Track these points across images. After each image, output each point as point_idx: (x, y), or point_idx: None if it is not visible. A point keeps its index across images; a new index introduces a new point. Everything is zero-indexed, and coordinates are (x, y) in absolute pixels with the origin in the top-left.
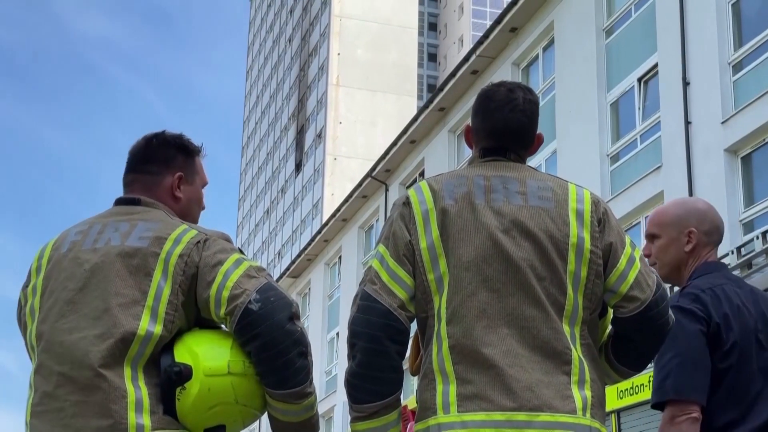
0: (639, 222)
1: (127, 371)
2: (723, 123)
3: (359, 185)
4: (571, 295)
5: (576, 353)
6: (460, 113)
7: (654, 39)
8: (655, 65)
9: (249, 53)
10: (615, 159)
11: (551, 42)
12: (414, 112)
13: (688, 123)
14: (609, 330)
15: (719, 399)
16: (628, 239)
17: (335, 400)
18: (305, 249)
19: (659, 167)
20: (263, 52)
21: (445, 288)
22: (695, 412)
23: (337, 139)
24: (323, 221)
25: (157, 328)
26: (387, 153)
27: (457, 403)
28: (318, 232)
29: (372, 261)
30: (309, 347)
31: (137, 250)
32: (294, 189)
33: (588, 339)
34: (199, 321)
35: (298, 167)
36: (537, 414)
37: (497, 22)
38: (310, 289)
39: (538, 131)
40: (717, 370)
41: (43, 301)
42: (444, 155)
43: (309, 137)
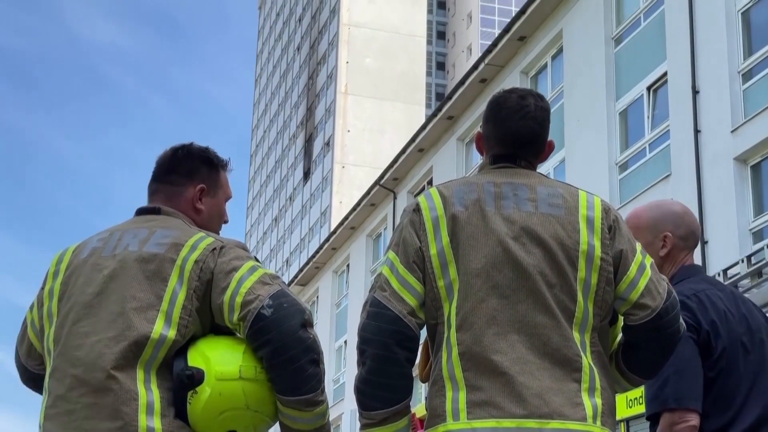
0: None
1: (140, 374)
2: (732, 132)
3: (367, 193)
4: (582, 303)
5: (586, 360)
6: (468, 122)
7: (663, 47)
8: (665, 74)
9: (258, 62)
10: (624, 168)
11: (560, 50)
12: (422, 120)
13: (697, 132)
14: (619, 338)
15: (708, 405)
16: (638, 247)
17: (343, 408)
18: (313, 257)
19: (668, 176)
20: (272, 60)
21: (455, 295)
22: (694, 420)
23: (346, 148)
24: (331, 229)
25: (171, 332)
26: (395, 161)
27: (467, 410)
28: (326, 240)
29: (382, 267)
30: (321, 355)
31: (154, 255)
32: (302, 197)
33: (598, 346)
34: (214, 328)
35: (306, 175)
36: (547, 422)
37: (506, 30)
38: (318, 297)
39: (548, 138)
40: (707, 377)
41: (61, 306)
42: (452, 163)
43: (317, 145)
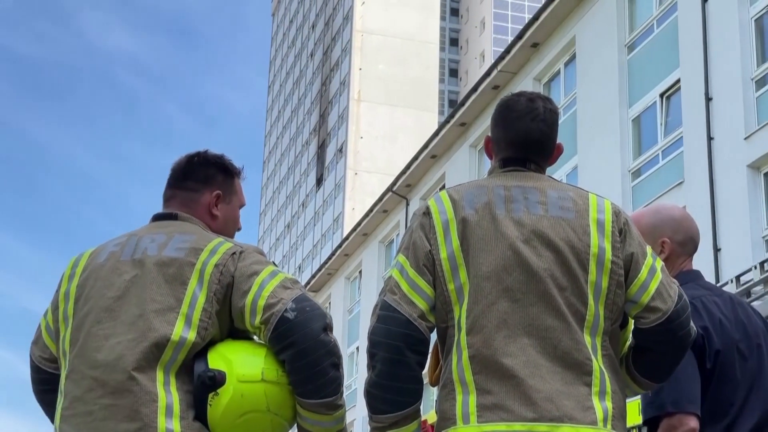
0: None
1: (160, 376)
2: (746, 139)
3: (380, 200)
4: (593, 306)
5: (597, 364)
6: (481, 128)
7: (676, 54)
8: (678, 81)
9: (271, 68)
10: (636, 174)
11: (573, 57)
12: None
13: (710, 139)
14: (630, 341)
15: (703, 413)
16: (649, 250)
17: (355, 414)
18: (326, 263)
19: (681, 183)
20: (285, 67)
21: (466, 298)
22: (693, 422)
23: (358, 154)
24: (344, 235)
25: (191, 334)
26: (408, 168)
27: (477, 414)
28: (338, 246)
29: (392, 271)
30: (341, 360)
31: (174, 260)
32: (315, 203)
33: (609, 350)
34: (232, 333)
35: (319, 182)
36: (558, 425)
37: (519, 37)
38: (330, 304)
39: (558, 141)
40: (701, 384)
41: (78, 308)
42: (465, 170)
43: (330, 152)
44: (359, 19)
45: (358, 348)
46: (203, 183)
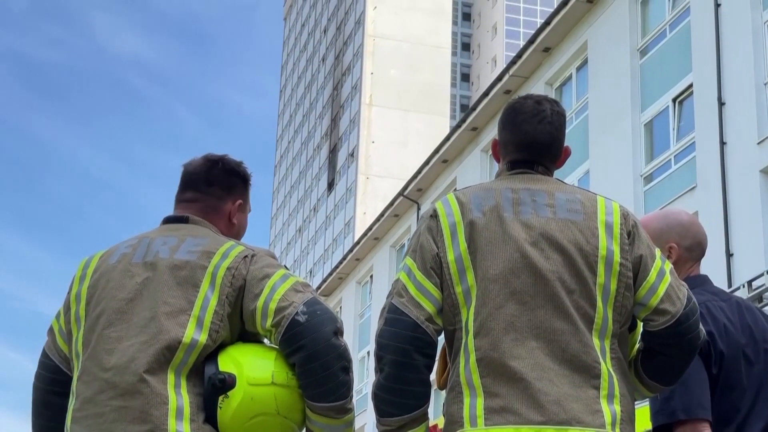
0: None
1: (171, 378)
2: (759, 144)
3: (391, 204)
4: (601, 308)
5: (605, 367)
6: (492, 133)
7: (689, 59)
8: (690, 85)
9: (282, 73)
10: (649, 179)
11: (585, 62)
12: (446, 131)
13: (723, 143)
14: (638, 344)
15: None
16: (658, 252)
17: (366, 418)
18: (337, 267)
19: (694, 188)
20: (297, 71)
21: (473, 301)
22: (706, 429)
23: (370, 159)
24: (355, 240)
25: (203, 336)
26: (419, 172)
27: (485, 417)
28: (350, 250)
29: (399, 274)
30: (351, 363)
31: (186, 262)
32: (326, 208)
33: (618, 353)
34: (242, 335)
35: (330, 186)
36: (566, 428)
37: (530, 42)
38: (341, 308)
39: (565, 144)
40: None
41: (89, 310)
42: (476, 175)
43: (341, 156)
44: (371, 24)
45: (368, 352)
46: (227, 191)
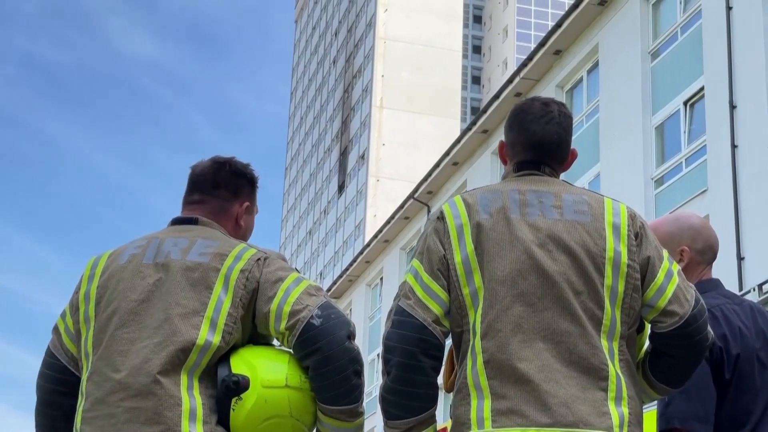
0: None
1: (184, 380)
2: None
3: (401, 207)
4: (609, 310)
5: (613, 369)
6: (503, 136)
7: (700, 62)
8: (702, 88)
9: (293, 75)
10: (660, 182)
11: (596, 64)
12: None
13: (734, 147)
14: (646, 346)
15: (722, 422)
16: (665, 253)
17: (375, 421)
18: (347, 270)
19: (705, 191)
20: (308, 73)
21: (480, 302)
22: None
23: (380, 161)
24: (365, 242)
25: (216, 338)
26: (429, 174)
27: (492, 419)
28: (360, 253)
29: (406, 276)
30: (363, 367)
31: (198, 264)
32: (336, 210)
33: (626, 355)
34: (252, 339)
35: (341, 188)
36: (573, 430)
37: (541, 44)
38: (351, 310)
39: (572, 147)
40: (719, 393)
41: (99, 310)
42: (486, 177)
43: (352, 159)
44: (382, 26)
45: (378, 355)
46: (234, 193)
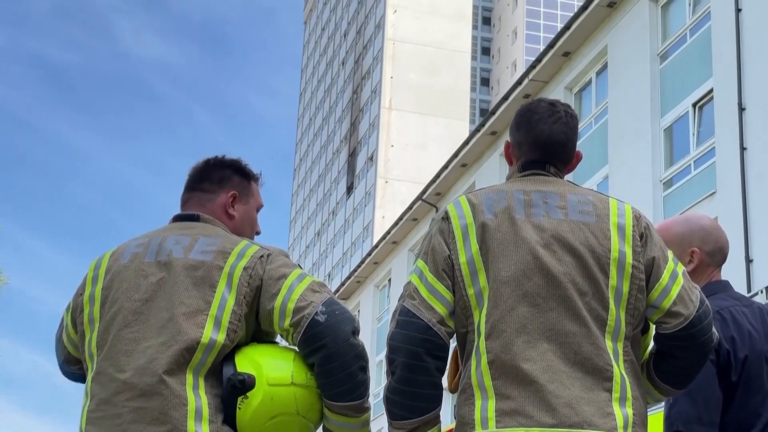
0: None
1: (189, 379)
2: None
3: (410, 208)
4: (614, 311)
5: (618, 370)
6: None
7: (709, 64)
8: (710, 90)
9: (302, 76)
10: (668, 185)
11: (604, 66)
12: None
13: (743, 149)
14: (651, 347)
15: (730, 425)
16: (670, 254)
17: (383, 422)
18: (355, 271)
19: (713, 193)
20: (317, 75)
21: (485, 303)
22: None
23: (389, 162)
24: (373, 243)
25: (220, 336)
26: (438, 176)
27: (496, 419)
28: (368, 254)
29: (411, 276)
30: (368, 363)
31: (201, 263)
32: (345, 211)
33: (631, 355)
34: (255, 336)
35: (349, 190)
36: (577, 431)
37: (550, 46)
38: (359, 312)
39: (577, 149)
40: (726, 395)
41: (104, 311)
42: (495, 179)
43: (361, 160)
44: (391, 28)
45: None
46: (218, 184)
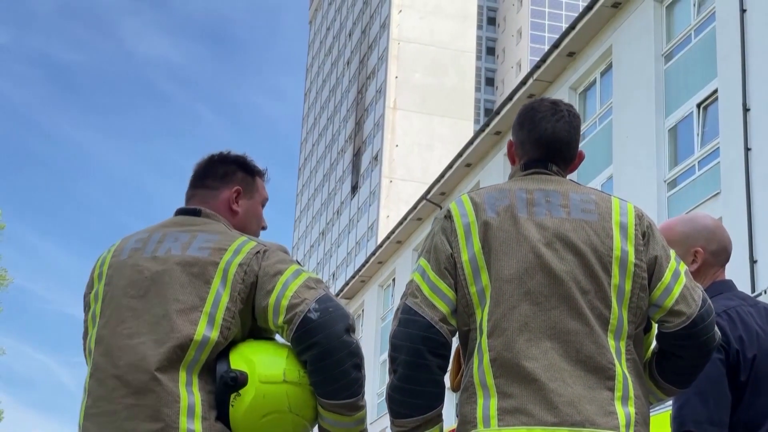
0: None
1: (182, 376)
2: None
3: (414, 208)
4: (616, 309)
5: (620, 368)
6: None
7: (714, 64)
8: (715, 91)
9: (307, 76)
10: (672, 185)
11: (609, 67)
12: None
13: (747, 149)
14: (653, 346)
15: (737, 425)
16: (672, 253)
17: (386, 422)
18: (359, 270)
19: (718, 194)
20: (321, 74)
21: (487, 301)
22: None
23: (394, 162)
24: (378, 243)
25: (214, 333)
26: (442, 176)
27: (498, 417)
28: (372, 254)
29: (413, 274)
30: (363, 360)
31: (197, 259)
32: (349, 211)
33: (633, 354)
34: (253, 332)
35: (354, 189)
36: (579, 430)
37: (555, 46)
38: (363, 311)
39: (579, 148)
40: (734, 395)
41: (104, 307)
42: (499, 179)
43: (365, 160)
44: (396, 28)
45: None
46: (221, 180)
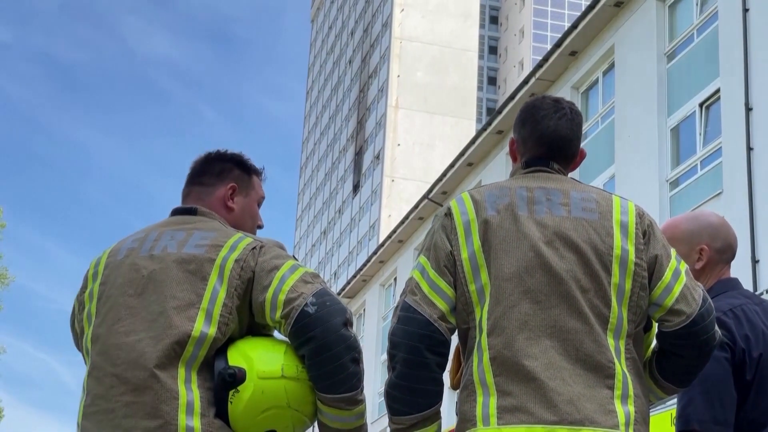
0: None
1: (181, 373)
2: None
3: (416, 207)
4: (616, 308)
5: (620, 367)
6: None
7: (716, 64)
8: (717, 90)
9: (309, 74)
10: (674, 184)
11: (611, 66)
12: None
13: (750, 149)
14: (653, 345)
15: (742, 424)
16: (673, 252)
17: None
18: (361, 270)
19: (720, 193)
20: (323, 73)
21: (487, 299)
22: None
23: (395, 161)
24: (379, 242)
25: (211, 329)
26: (444, 175)
27: (497, 416)
28: (374, 253)
29: (413, 272)
30: (361, 354)
31: (194, 256)
32: (351, 210)
33: (633, 353)
34: (251, 328)
35: (355, 188)
36: (578, 428)
37: (557, 45)
38: (364, 310)
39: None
40: (740, 394)
41: (100, 306)
42: (501, 178)
43: (367, 159)
44: (398, 27)
45: None
46: (217, 177)
